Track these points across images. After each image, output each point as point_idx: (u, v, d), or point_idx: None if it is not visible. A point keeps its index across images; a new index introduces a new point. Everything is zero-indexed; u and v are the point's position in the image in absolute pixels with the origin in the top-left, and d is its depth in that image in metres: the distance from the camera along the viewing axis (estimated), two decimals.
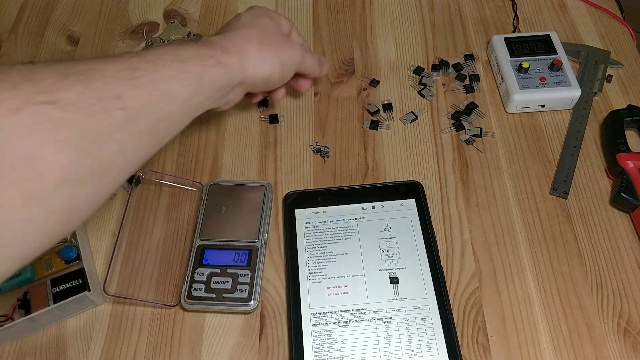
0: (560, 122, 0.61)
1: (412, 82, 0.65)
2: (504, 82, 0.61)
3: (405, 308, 0.47)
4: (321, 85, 0.65)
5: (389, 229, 0.52)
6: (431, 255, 0.50)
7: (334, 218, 0.53)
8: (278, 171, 0.58)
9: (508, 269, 0.51)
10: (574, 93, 0.59)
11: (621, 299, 0.49)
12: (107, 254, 0.53)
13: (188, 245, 0.53)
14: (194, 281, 0.49)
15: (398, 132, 0.60)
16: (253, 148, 0.60)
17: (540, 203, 0.55)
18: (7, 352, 0.48)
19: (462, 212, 0.54)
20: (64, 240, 0.52)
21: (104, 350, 0.47)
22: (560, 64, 0.61)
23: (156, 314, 0.49)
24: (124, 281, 0.51)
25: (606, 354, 0.46)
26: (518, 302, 0.49)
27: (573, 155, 0.57)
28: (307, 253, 0.51)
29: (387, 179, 0.57)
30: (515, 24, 0.70)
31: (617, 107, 0.61)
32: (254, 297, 0.48)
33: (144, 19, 0.72)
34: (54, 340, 0.48)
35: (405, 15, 0.71)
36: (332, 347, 0.46)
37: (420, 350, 0.45)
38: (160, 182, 0.57)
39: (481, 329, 0.48)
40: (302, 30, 0.70)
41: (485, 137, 0.60)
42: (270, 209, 0.54)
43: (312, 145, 0.59)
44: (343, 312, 0.47)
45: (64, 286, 0.49)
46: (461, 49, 0.67)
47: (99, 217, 0.55)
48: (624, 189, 0.52)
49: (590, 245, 0.52)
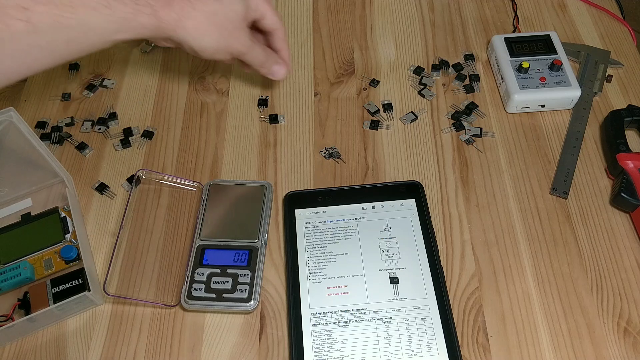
0: (560, 122, 0.61)
1: (412, 82, 0.65)
2: (504, 82, 0.61)
3: (405, 308, 0.47)
4: (321, 85, 0.65)
5: (389, 229, 0.52)
6: (431, 255, 0.50)
7: (334, 218, 0.53)
8: (278, 171, 0.58)
9: (508, 269, 0.51)
10: (574, 93, 0.59)
11: (621, 299, 0.49)
12: (107, 254, 0.53)
13: (188, 245, 0.53)
14: (194, 281, 0.49)
15: (398, 132, 0.60)
16: (253, 148, 0.60)
17: (540, 203, 0.55)
18: (7, 352, 0.48)
19: (462, 212, 0.54)
20: (64, 240, 0.52)
21: (104, 350, 0.47)
22: (560, 64, 0.61)
23: (156, 314, 0.49)
24: (124, 281, 0.51)
25: (606, 354, 0.46)
26: (518, 302, 0.49)
27: (573, 155, 0.57)
28: (307, 253, 0.51)
29: (387, 179, 0.57)
30: (515, 24, 0.70)
31: (617, 107, 0.61)
32: (254, 297, 0.48)
33: None
34: (54, 340, 0.48)
35: (405, 15, 0.71)
36: (332, 347, 0.46)
37: (420, 350, 0.45)
38: (160, 182, 0.57)
39: (481, 329, 0.48)
40: (302, 30, 0.70)
41: (485, 137, 0.60)
42: (270, 209, 0.54)
43: (322, 152, 0.59)
44: (343, 312, 0.47)
45: (64, 286, 0.49)
46: (461, 49, 0.67)
47: (99, 217, 0.55)
48: (624, 189, 0.52)
49: (590, 245, 0.52)
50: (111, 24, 0.39)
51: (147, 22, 0.41)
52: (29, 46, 0.35)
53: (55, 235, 0.53)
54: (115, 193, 0.57)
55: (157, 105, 0.64)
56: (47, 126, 0.62)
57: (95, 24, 0.38)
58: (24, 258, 0.51)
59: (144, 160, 0.59)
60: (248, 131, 0.61)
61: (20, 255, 0.52)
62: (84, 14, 0.37)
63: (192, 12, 0.44)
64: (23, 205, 0.56)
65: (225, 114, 0.62)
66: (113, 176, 0.58)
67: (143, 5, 0.41)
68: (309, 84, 0.65)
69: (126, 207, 0.54)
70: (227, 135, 0.61)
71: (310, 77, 0.65)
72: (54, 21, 0.35)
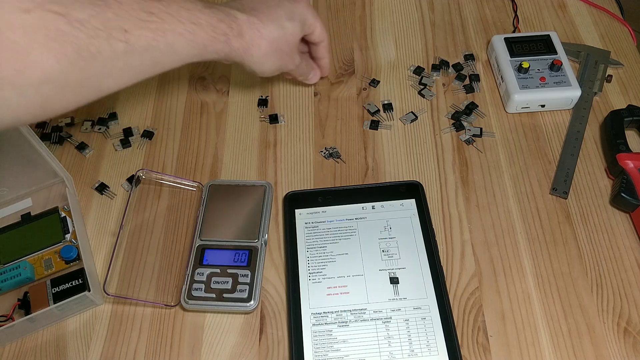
0: (560, 122, 0.61)
1: (412, 82, 0.65)
2: (504, 82, 0.61)
3: (405, 308, 0.47)
4: (321, 85, 0.65)
5: (389, 229, 0.52)
6: (431, 255, 0.50)
7: (334, 218, 0.53)
8: (278, 171, 0.58)
9: (508, 269, 0.51)
10: (574, 93, 0.59)
11: (621, 299, 0.49)
12: (107, 254, 0.53)
13: (188, 245, 0.53)
14: (194, 281, 0.49)
15: (398, 132, 0.60)
16: (253, 148, 0.60)
17: (540, 203, 0.55)
18: (7, 352, 0.48)
19: (462, 212, 0.54)
20: (64, 240, 0.52)
21: (104, 350, 0.47)
22: (560, 64, 0.61)
23: (156, 314, 0.49)
24: (124, 281, 0.51)
25: (606, 354, 0.46)
26: (518, 302, 0.49)
27: (573, 155, 0.57)
28: (307, 253, 0.51)
29: (387, 179, 0.57)
30: (515, 24, 0.70)
31: (617, 107, 0.61)
32: (254, 297, 0.48)
33: None
34: (54, 340, 0.48)
35: (405, 15, 0.71)
36: (332, 347, 0.46)
37: (420, 350, 0.45)
38: (160, 182, 0.57)
39: (481, 329, 0.48)
40: None
41: (485, 137, 0.60)
42: (270, 209, 0.54)
43: (322, 152, 0.59)
44: (343, 312, 0.47)
45: (64, 286, 0.49)
46: (461, 49, 0.67)
47: (99, 217, 0.55)
48: (624, 189, 0.52)
49: (590, 245, 0.52)
50: (192, 49, 0.43)
51: (220, 49, 0.45)
52: (125, 65, 0.38)
53: (55, 235, 0.53)
54: (115, 193, 0.57)
55: (157, 105, 0.64)
56: (47, 126, 0.62)
57: (180, 47, 0.41)
58: (24, 258, 0.51)
59: (144, 160, 0.59)
60: (248, 131, 0.61)
61: (20, 255, 0.52)
62: (172, 38, 0.40)
63: (260, 41, 0.48)
64: (23, 205, 0.56)
65: (225, 114, 0.62)
66: (113, 176, 0.58)
67: (220, 34, 0.45)
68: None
69: (126, 207, 0.54)
70: (227, 135, 0.61)
71: None
72: (148, 44, 0.39)
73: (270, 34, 0.49)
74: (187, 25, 0.41)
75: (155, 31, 0.39)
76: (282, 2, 0.51)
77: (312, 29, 0.54)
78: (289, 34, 0.51)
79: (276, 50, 0.50)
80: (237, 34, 0.46)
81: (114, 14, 0.36)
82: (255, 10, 0.49)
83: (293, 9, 0.51)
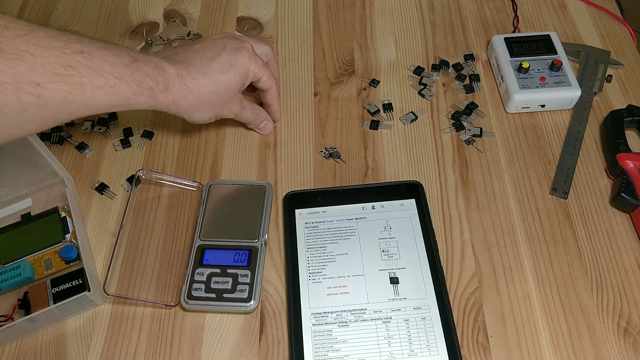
0: (560, 122, 0.61)
1: (412, 82, 0.65)
2: (504, 82, 0.61)
3: (405, 308, 0.47)
4: (321, 85, 0.65)
5: (389, 229, 0.52)
6: (431, 255, 0.50)
7: (334, 218, 0.53)
8: (278, 171, 0.58)
9: (508, 269, 0.51)
10: (574, 93, 0.59)
11: (621, 299, 0.49)
12: (107, 254, 0.53)
13: (188, 245, 0.53)
14: (194, 281, 0.49)
15: (398, 132, 0.60)
16: (253, 148, 0.60)
17: (540, 203, 0.55)
18: (7, 352, 0.48)
19: (462, 212, 0.54)
20: (64, 240, 0.52)
21: (104, 350, 0.47)
22: (560, 64, 0.61)
23: (156, 314, 0.49)
24: (124, 281, 0.51)
25: (606, 354, 0.46)
26: (518, 302, 0.49)
27: (573, 155, 0.57)
28: (307, 253, 0.51)
29: (387, 179, 0.57)
30: (515, 24, 0.70)
31: (617, 107, 0.61)
32: (254, 297, 0.48)
33: (143, 19, 0.72)
34: (54, 340, 0.48)
35: (405, 15, 0.71)
36: (332, 347, 0.46)
37: (420, 350, 0.45)
38: (160, 182, 0.57)
39: (481, 329, 0.48)
40: (302, 30, 0.70)
41: (485, 137, 0.60)
42: (270, 209, 0.54)
43: (322, 152, 0.59)
44: (343, 312, 0.47)
45: (64, 286, 0.49)
46: (461, 49, 0.67)
47: (99, 217, 0.55)
48: (624, 189, 0.52)
49: (590, 245, 0.52)
50: (113, 101, 0.42)
51: (145, 103, 0.45)
52: (35, 117, 0.38)
53: (55, 235, 0.53)
54: (115, 193, 0.57)
55: None
56: None
57: (99, 100, 0.41)
58: (24, 258, 0.51)
59: (144, 160, 0.59)
60: (248, 131, 0.61)
61: (20, 255, 0.52)
62: (90, 92, 0.40)
63: (187, 95, 0.48)
64: (23, 205, 0.56)
65: None
66: (113, 176, 0.58)
67: (145, 89, 0.44)
68: (309, 84, 0.65)
69: (126, 207, 0.54)
70: (227, 135, 0.61)
71: (310, 77, 0.65)
72: (63, 97, 0.38)
73: (200, 89, 0.48)
74: (109, 79, 0.41)
75: (71, 85, 0.39)
76: (220, 53, 0.50)
77: (257, 77, 0.54)
78: (222, 87, 0.50)
79: (206, 103, 0.50)
80: (164, 88, 0.46)
81: (27, 68, 0.36)
82: (186, 64, 0.48)
83: (232, 60, 0.50)
